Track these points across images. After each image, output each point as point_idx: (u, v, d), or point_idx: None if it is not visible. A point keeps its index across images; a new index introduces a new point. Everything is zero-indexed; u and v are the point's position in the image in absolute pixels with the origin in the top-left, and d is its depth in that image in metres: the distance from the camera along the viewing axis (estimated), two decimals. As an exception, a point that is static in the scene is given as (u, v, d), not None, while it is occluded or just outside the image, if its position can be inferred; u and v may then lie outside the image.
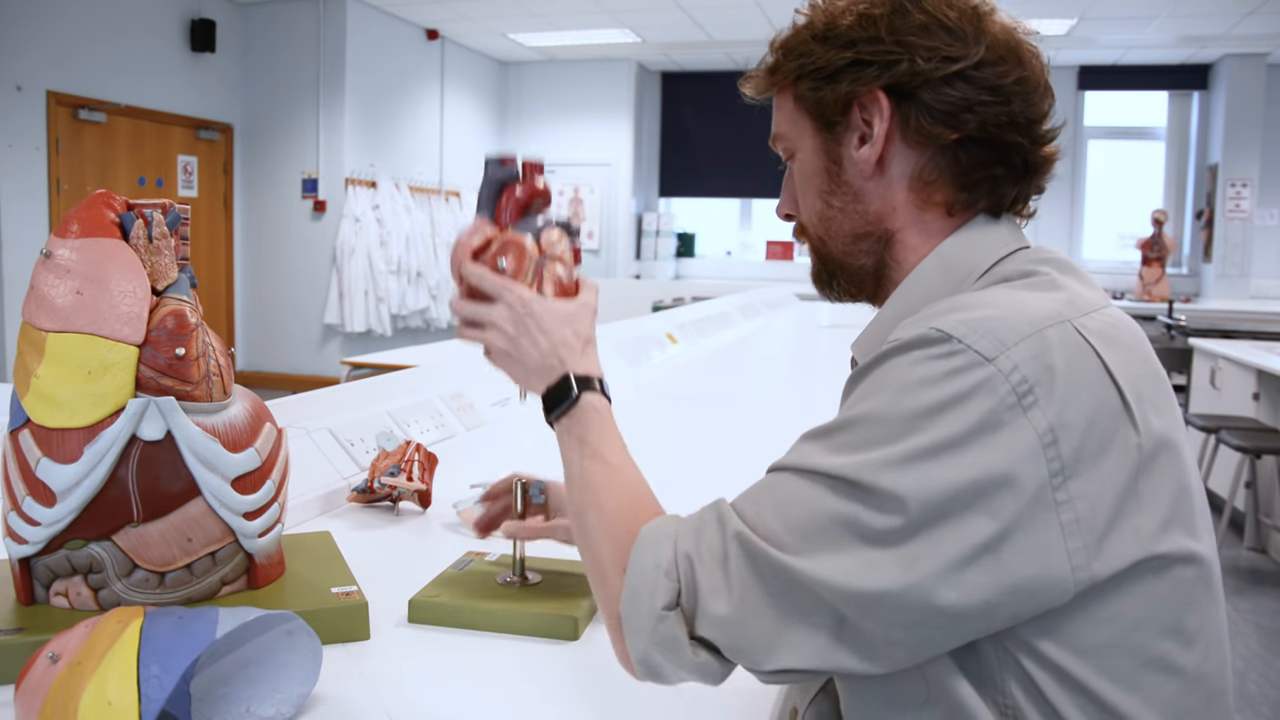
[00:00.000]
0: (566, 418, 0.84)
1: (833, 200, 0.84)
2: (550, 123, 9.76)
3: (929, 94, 0.78)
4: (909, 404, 0.65)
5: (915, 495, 0.62)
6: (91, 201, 0.92)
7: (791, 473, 0.69)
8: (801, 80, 0.83)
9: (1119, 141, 9.44)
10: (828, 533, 0.65)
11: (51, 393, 0.87)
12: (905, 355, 0.67)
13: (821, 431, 0.70)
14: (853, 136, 0.82)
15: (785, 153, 0.88)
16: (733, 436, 2.14)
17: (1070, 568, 0.63)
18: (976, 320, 0.66)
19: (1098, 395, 0.65)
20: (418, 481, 1.40)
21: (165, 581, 0.92)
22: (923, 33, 0.78)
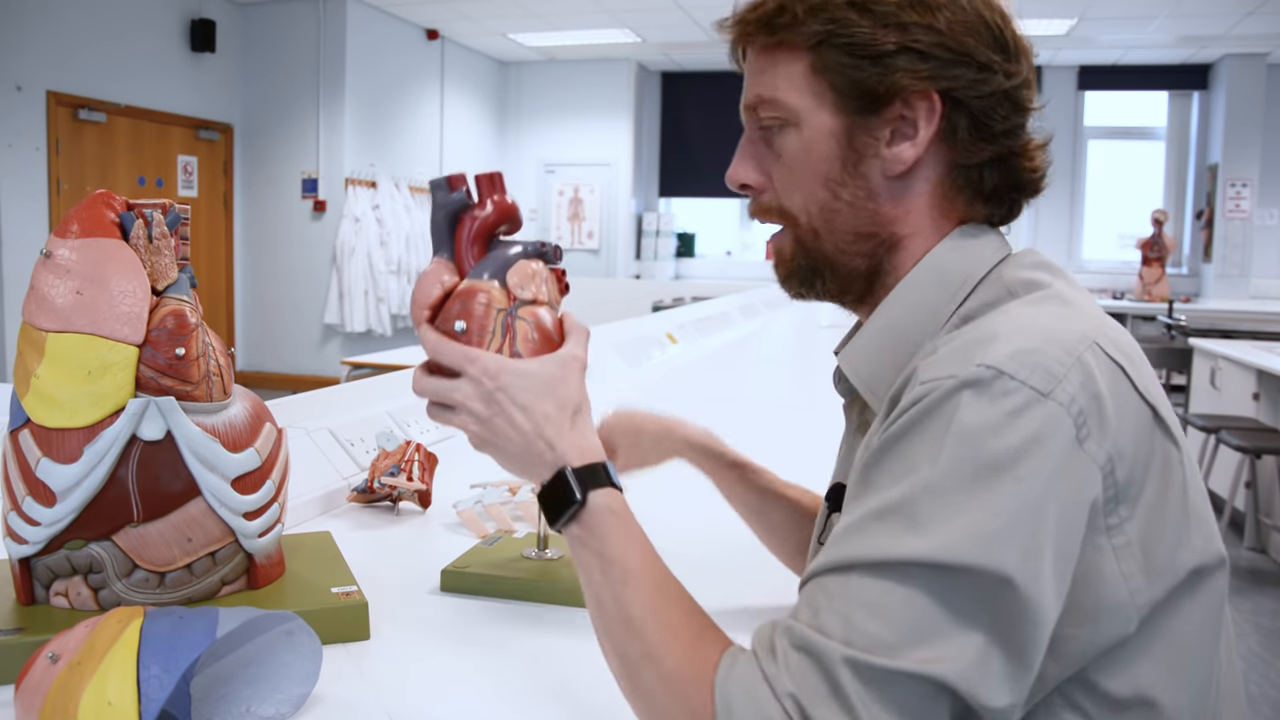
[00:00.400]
0: (576, 525, 0.71)
1: (842, 192, 0.76)
2: (550, 123, 9.76)
3: (980, 106, 0.73)
4: (977, 456, 0.59)
5: (1020, 571, 0.57)
6: (91, 201, 0.92)
7: (864, 571, 0.60)
8: (829, 48, 0.74)
9: (1119, 141, 9.44)
10: (940, 623, 0.57)
11: (51, 393, 0.87)
12: (955, 399, 0.61)
13: (883, 512, 0.61)
14: (885, 129, 0.74)
15: (773, 120, 0.78)
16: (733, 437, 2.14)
17: (1129, 592, 0.62)
18: (1020, 353, 0.62)
19: (1136, 416, 0.63)
20: (418, 481, 1.40)
21: (165, 581, 0.92)
22: (980, 39, 0.73)
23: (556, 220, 9.80)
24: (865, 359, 0.77)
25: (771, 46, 0.77)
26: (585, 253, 9.74)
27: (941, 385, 0.62)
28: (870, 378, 0.76)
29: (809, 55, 0.75)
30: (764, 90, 0.77)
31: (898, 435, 0.63)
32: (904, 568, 0.58)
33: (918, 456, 0.61)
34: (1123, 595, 0.61)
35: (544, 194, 9.84)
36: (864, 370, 0.77)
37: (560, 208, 9.78)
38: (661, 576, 0.69)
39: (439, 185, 0.81)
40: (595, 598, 0.70)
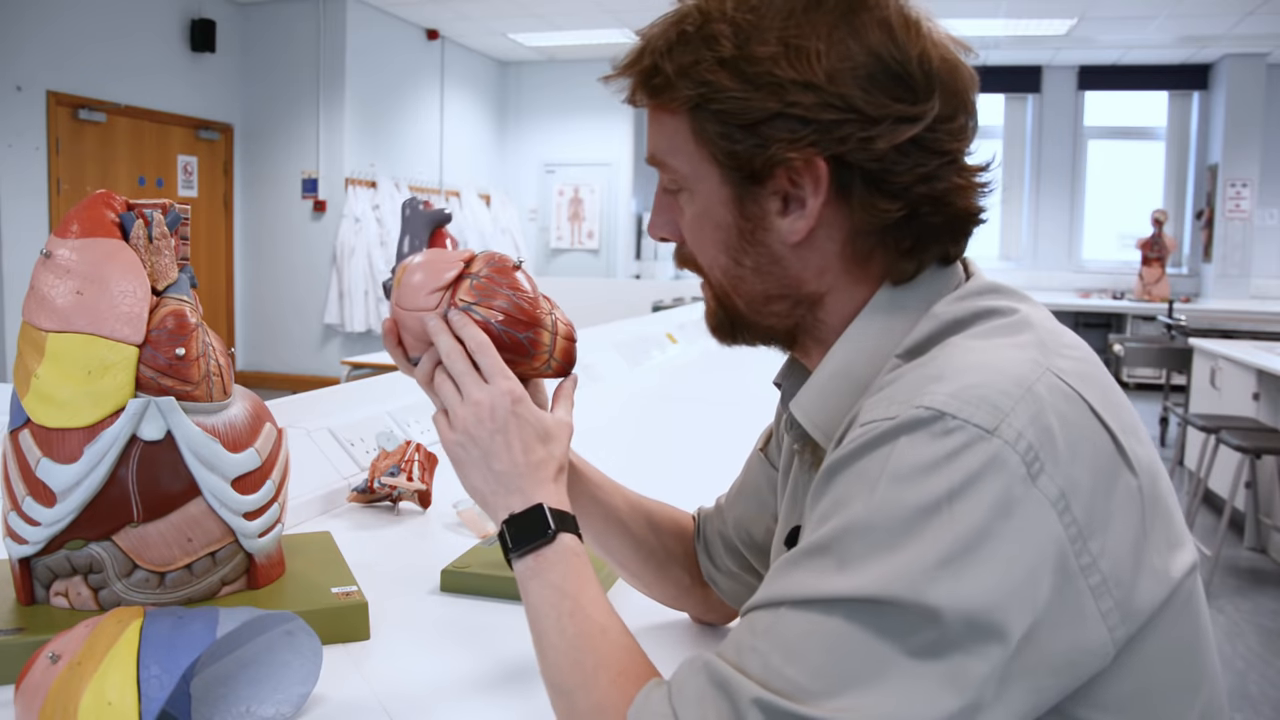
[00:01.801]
0: (536, 557, 0.72)
1: (743, 259, 0.71)
2: (550, 123, 9.76)
3: (875, 165, 0.65)
4: (914, 497, 0.56)
5: (950, 606, 0.54)
6: (91, 201, 0.92)
7: (790, 608, 0.58)
8: (703, 114, 0.68)
9: (1119, 141, 9.44)
10: (860, 668, 0.55)
11: (51, 393, 0.87)
12: (894, 442, 0.58)
13: (812, 549, 0.59)
14: (774, 199, 0.69)
15: (670, 183, 0.74)
16: (733, 437, 2.14)
17: (1107, 629, 0.58)
18: (963, 390, 0.58)
19: (1094, 444, 0.60)
20: (418, 481, 1.40)
21: (165, 581, 0.92)
22: (870, 84, 0.65)
23: (557, 220, 9.80)
24: (818, 405, 0.72)
25: (656, 108, 0.72)
26: (585, 253, 9.74)
27: (880, 426, 0.59)
28: (825, 424, 0.72)
29: (689, 120, 0.69)
30: (657, 151, 0.73)
31: (832, 473, 0.61)
32: (829, 604, 0.56)
33: (850, 495, 0.59)
34: (1102, 635, 0.58)
35: (544, 194, 9.85)
36: (818, 416, 0.72)
37: (560, 208, 9.78)
38: (607, 616, 0.70)
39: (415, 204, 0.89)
40: (542, 629, 0.71)
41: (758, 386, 0.96)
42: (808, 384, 0.73)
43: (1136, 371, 7.76)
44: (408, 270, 0.82)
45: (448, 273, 0.81)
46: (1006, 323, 0.66)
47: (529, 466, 0.75)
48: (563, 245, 9.78)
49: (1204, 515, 4.64)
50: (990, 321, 0.66)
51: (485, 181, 9.43)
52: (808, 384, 0.73)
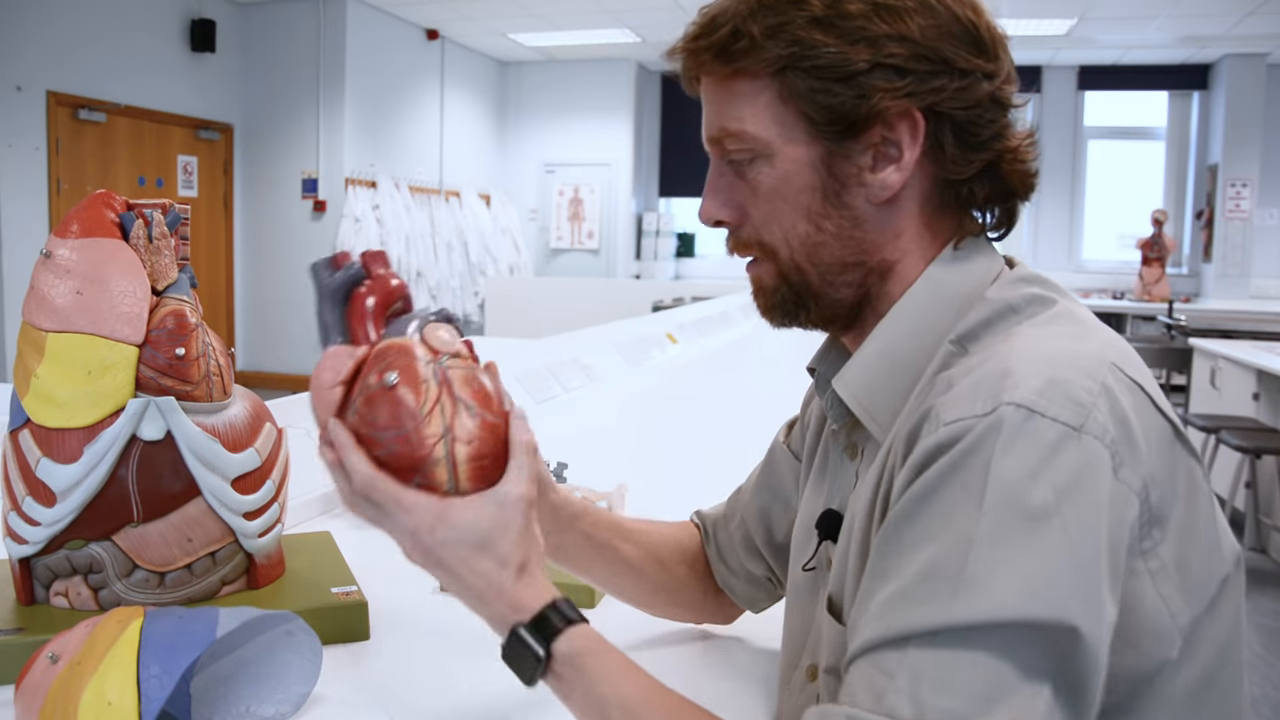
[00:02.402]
0: (551, 678, 0.67)
1: (825, 223, 0.71)
2: (550, 123, 9.76)
3: (965, 116, 0.68)
4: (1023, 507, 0.55)
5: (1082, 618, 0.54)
6: (91, 201, 0.92)
7: (920, 643, 0.55)
8: (794, 73, 0.68)
9: (1119, 141, 9.44)
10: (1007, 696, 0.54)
11: (51, 393, 0.87)
12: (991, 447, 0.57)
13: (926, 575, 0.57)
14: (866, 154, 0.69)
15: (742, 154, 0.72)
16: (733, 436, 2.14)
17: (1169, 614, 0.60)
18: (1048, 386, 0.58)
19: (1159, 436, 0.61)
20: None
21: (165, 581, 0.92)
22: (955, 40, 0.67)
23: (556, 220, 9.80)
24: (864, 385, 0.72)
25: (729, 76, 0.71)
26: (585, 253, 9.74)
27: (970, 428, 0.58)
28: (870, 404, 0.71)
29: (773, 82, 0.69)
30: (728, 123, 0.72)
31: (930, 489, 0.59)
32: (964, 633, 0.54)
33: (956, 511, 0.57)
34: (1164, 619, 0.60)
35: (544, 194, 9.84)
36: (863, 396, 0.72)
37: (560, 208, 9.78)
38: (667, 700, 0.65)
39: (322, 266, 0.77)
40: None
41: (758, 386, 0.95)
42: (853, 361, 0.73)
43: (1136, 371, 7.73)
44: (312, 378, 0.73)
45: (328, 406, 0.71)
46: (1057, 313, 0.67)
47: (484, 586, 0.68)
48: (563, 245, 9.77)
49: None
50: (1046, 310, 0.67)
51: (485, 181, 9.43)
52: (853, 361, 0.73)
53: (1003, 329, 0.67)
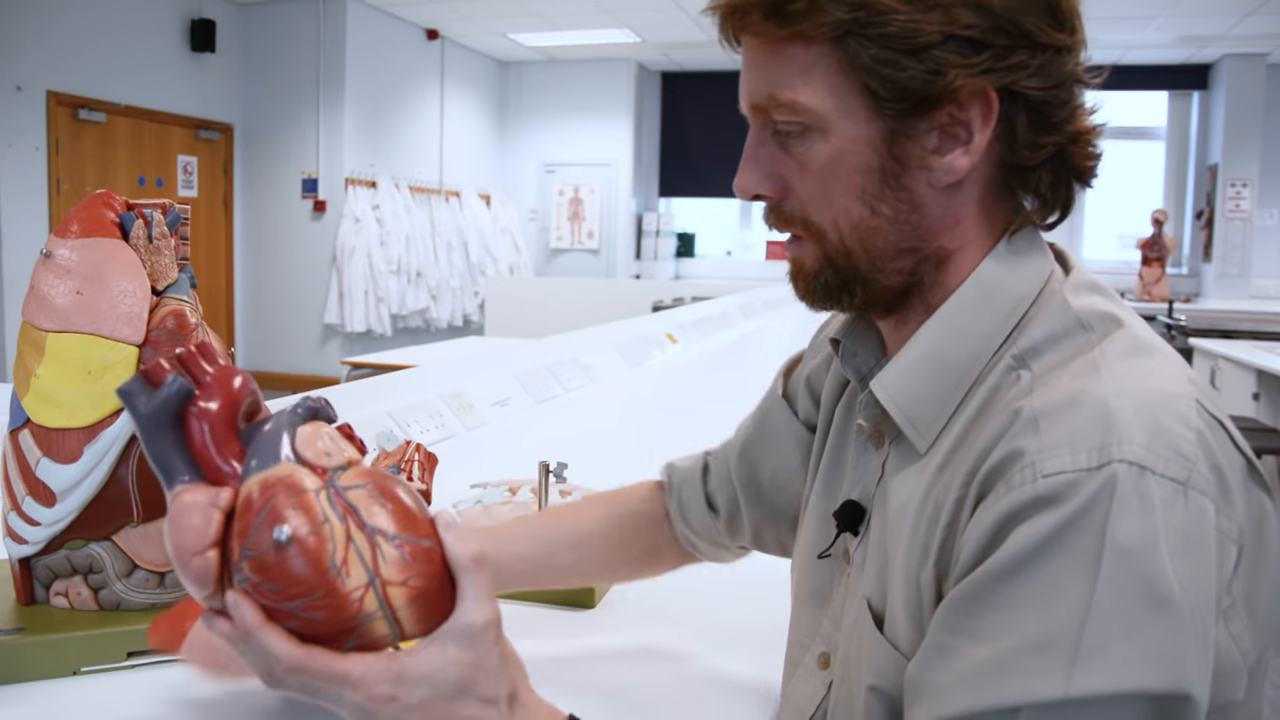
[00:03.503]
0: None
1: (881, 207, 0.65)
2: (550, 123, 9.77)
3: (1040, 96, 0.62)
4: (1141, 574, 0.52)
5: (1197, 683, 0.52)
6: (91, 201, 0.92)
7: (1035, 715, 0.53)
8: (858, 41, 0.61)
9: (1119, 141, 9.44)
10: None
11: (51, 393, 0.87)
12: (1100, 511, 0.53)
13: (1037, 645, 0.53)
14: (932, 134, 0.63)
15: (789, 125, 0.65)
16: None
17: (1240, 654, 0.57)
18: (1153, 439, 0.55)
19: (1240, 474, 0.59)
20: (418, 481, 1.40)
21: (165, 581, 0.92)
22: (1035, 11, 0.61)
23: (556, 220, 9.80)
24: (904, 388, 0.67)
25: (782, 39, 0.63)
26: (585, 253, 9.75)
27: (1075, 485, 0.54)
28: (910, 408, 0.67)
29: (833, 49, 0.62)
30: (777, 91, 0.64)
31: (1035, 552, 0.54)
32: (1079, 705, 0.52)
33: (1068, 578, 0.53)
34: (1235, 658, 0.57)
35: (544, 194, 9.85)
36: (903, 400, 0.67)
37: (560, 208, 9.78)
38: None
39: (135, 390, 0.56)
40: None
41: (758, 386, 0.95)
42: (895, 362, 0.68)
43: (1136, 371, 7.74)
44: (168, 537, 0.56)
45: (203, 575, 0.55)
46: (1134, 340, 0.62)
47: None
48: (563, 245, 9.78)
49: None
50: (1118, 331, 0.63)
51: (485, 181, 9.43)
52: (895, 362, 0.68)
53: (1070, 347, 0.62)
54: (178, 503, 0.56)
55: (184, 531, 0.55)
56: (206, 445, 0.56)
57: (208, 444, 0.56)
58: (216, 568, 0.55)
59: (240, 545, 0.54)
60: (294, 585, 0.53)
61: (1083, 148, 0.66)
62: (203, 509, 0.55)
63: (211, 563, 0.55)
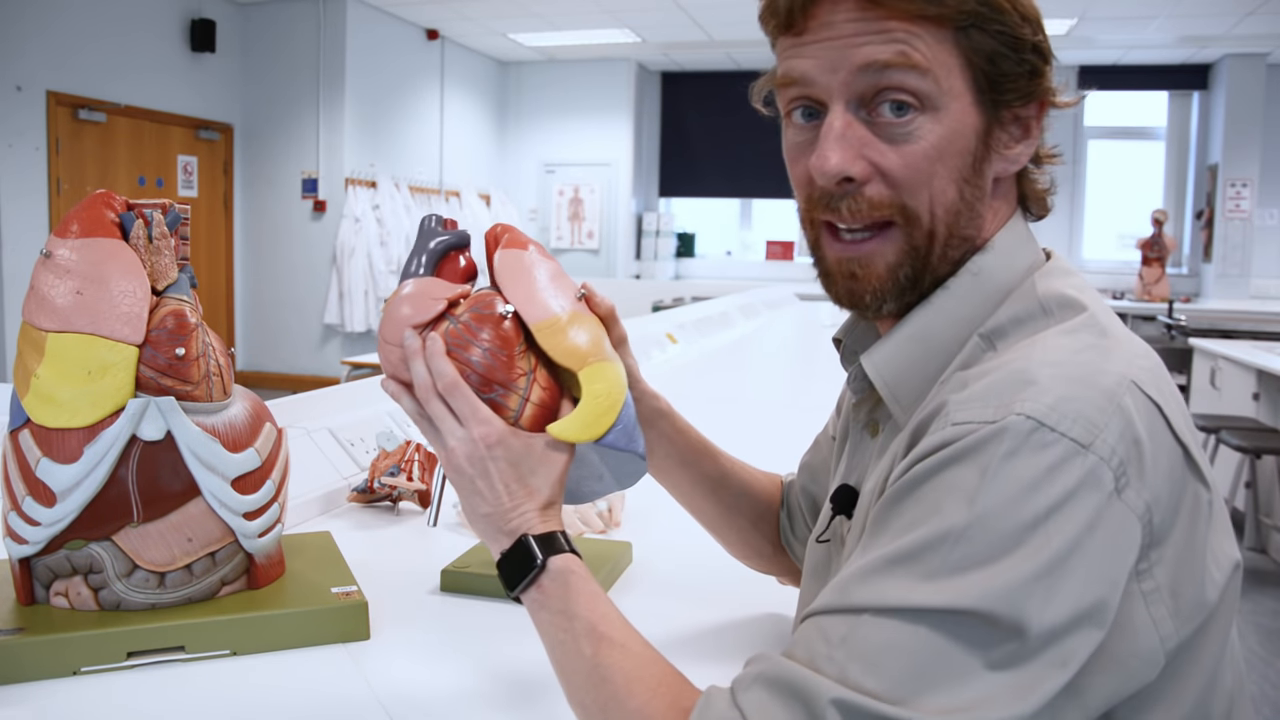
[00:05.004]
0: (535, 589, 0.72)
1: (968, 192, 0.69)
2: (550, 123, 9.76)
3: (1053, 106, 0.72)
4: (1014, 513, 0.56)
5: (1037, 620, 0.55)
6: (91, 201, 0.92)
7: (874, 616, 0.57)
8: (979, 33, 0.66)
9: (1119, 141, 9.44)
10: (939, 676, 0.55)
11: (51, 393, 0.87)
12: (992, 452, 0.57)
13: (900, 557, 0.58)
14: (1011, 128, 0.71)
15: (904, 96, 0.66)
16: (733, 437, 2.14)
17: (1159, 638, 0.59)
18: (1061, 401, 0.58)
19: (1170, 458, 0.60)
20: (418, 481, 1.40)
21: (165, 581, 0.92)
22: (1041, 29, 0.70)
23: (556, 220, 9.80)
24: (894, 365, 0.71)
25: (912, 15, 0.65)
26: (585, 253, 9.74)
27: (976, 431, 0.58)
28: (896, 384, 0.71)
29: (955, 34, 0.66)
30: (913, 53, 0.65)
31: (923, 477, 0.59)
32: (916, 614, 0.56)
33: (945, 504, 0.57)
34: (1153, 641, 0.59)
35: (544, 194, 9.85)
36: (890, 376, 0.72)
37: (560, 208, 9.78)
38: (624, 632, 0.69)
39: (433, 219, 0.85)
40: (559, 656, 0.70)
41: (758, 386, 0.95)
42: (885, 341, 0.72)
43: (1136, 371, 7.74)
44: (392, 301, 0.80)
45: (428, 311, 0.79)
46: (1086, 321, 0.66)
47: (512, 507, 0.74)
48: (563, 245, 9.78)
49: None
50: (1075, 316, 0.66)
51: (485, 181, 9.43)
52: (885, 341, 0.72)
53: (1031, 329, 0.67)
54: (426, 279, 0.82)
55: (428, 288, 0.80)
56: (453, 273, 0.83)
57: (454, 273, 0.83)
58: (439, 311, 0.79)
59: (468, 308, 0.79)
60: (491, 337, 0.77)
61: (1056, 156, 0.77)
62: (443, 285, 0.81)
63: (440, 305, 0.79)
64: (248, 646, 0.91)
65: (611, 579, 1.11)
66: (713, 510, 1.00)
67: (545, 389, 0.78)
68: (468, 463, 0.75)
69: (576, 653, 0.69)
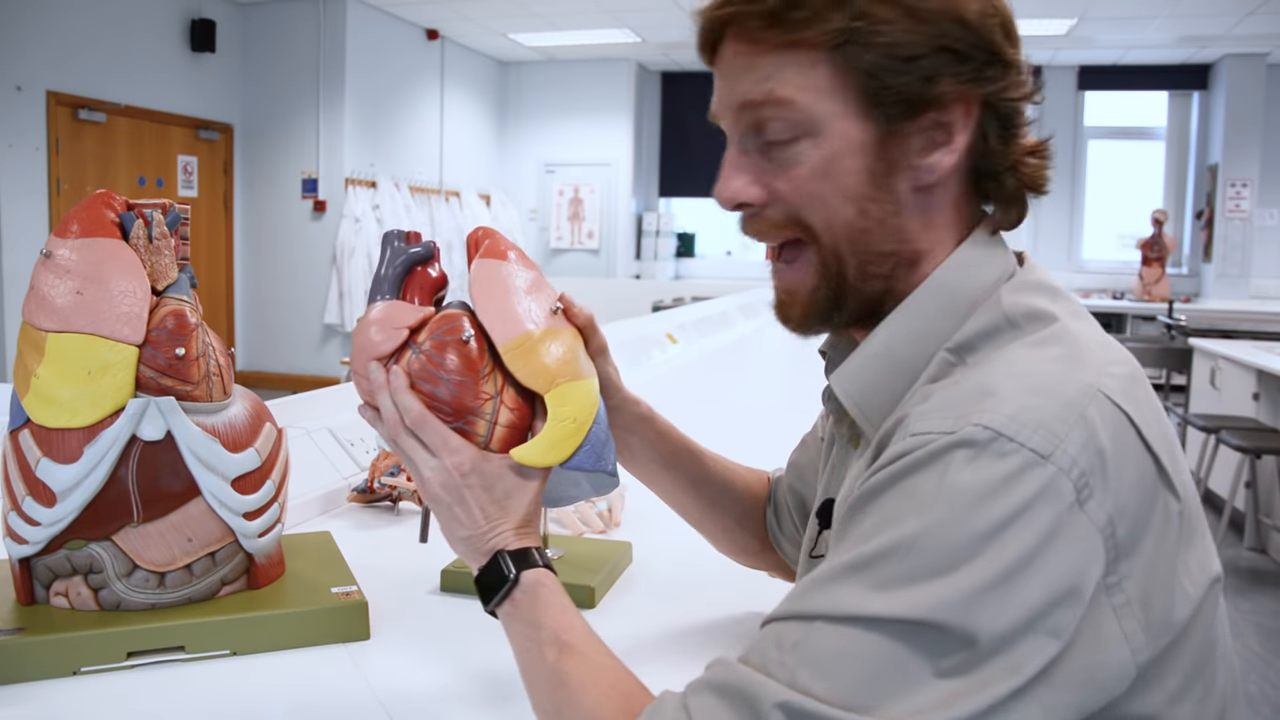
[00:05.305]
0: (508, 603, 0.74)
1: (870, 208, 0.68)
2: (550, 123, 9.76)
3: (1007, 109, 0.68)
4: (968, 524, 0.55)
5: (988, 629, 0.54)
6: (91, 201, 0.92)
7: (826, 623, 0.57)
8: (855, 49, 0.65)
9: (1119, 141, 9.44)
10: (889, 685, 0.55)
11: (51, 393, 0.87)
12: (949, 461, 0.57)
13: (855, 565, 0.58)
14: (919, 137, 0.67)
15: (780, 127, 0.68)
16: (733, 437, 2.14)
17: (1130, 651, 0.58)
18: (1020, 412, 0.57)
19: (1139, 468, 0.59)
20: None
21: (165, 581, 0.92)
22: (999, 29, 0.67)
23: (556, 220, 9.80)
24: (859, 382, 0.71)
25: (779, 45, 0.66)
26: (585, 253, 9.74)
27: (934, 442, 0.58)
28: (864, 402, 0.71)
29: (830, 55, 0.65)
30: (777, 88, 0.67)
31: (881, 487, 0.59)
32: (869, 623, 0.56)
33: (901, 513, 0.57)
34: (1124, 655, 0.58)
35: (544, 194, 9.84)
36: (856, 393, 0.71)
37: (560, 208, 9.78)
38: (586, 641, 0.71)
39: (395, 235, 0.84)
40: (525, 663, 0.73)
41: (758, 386, 0.95)
42: (851, 358, 0.72)
43: (1136, 371, 7.74)
44: (359, 327, 0.81)
45: (391, 341, 0.79)
46: (1055, 332, 0.65)
47: (489, 529, 0.77)
48: (563, 245, 9.77)
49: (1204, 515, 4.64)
50: (1044, 329, 0.65)
51: (485, 181, 9.43)
52: (851, 358, 0.72)
53: (999, 343, 0.66)
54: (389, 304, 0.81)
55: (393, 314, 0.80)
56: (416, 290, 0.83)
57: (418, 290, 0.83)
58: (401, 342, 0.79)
59: (430, 334, 0.79)
60: (454, 365, 0.78)
61: (1037, 159, 0.71)
62: (407, 309, 0.81)
63: (401, 336, 0.79)
64: (248, 646, 0.91)
65: (611, 579, 1.11)
66: (697, 508, 1.01)
67: (513, 409, 0.79)
68: (443, 491, 0.77)
69: (540, 659, 0.71)
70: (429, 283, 0.84)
